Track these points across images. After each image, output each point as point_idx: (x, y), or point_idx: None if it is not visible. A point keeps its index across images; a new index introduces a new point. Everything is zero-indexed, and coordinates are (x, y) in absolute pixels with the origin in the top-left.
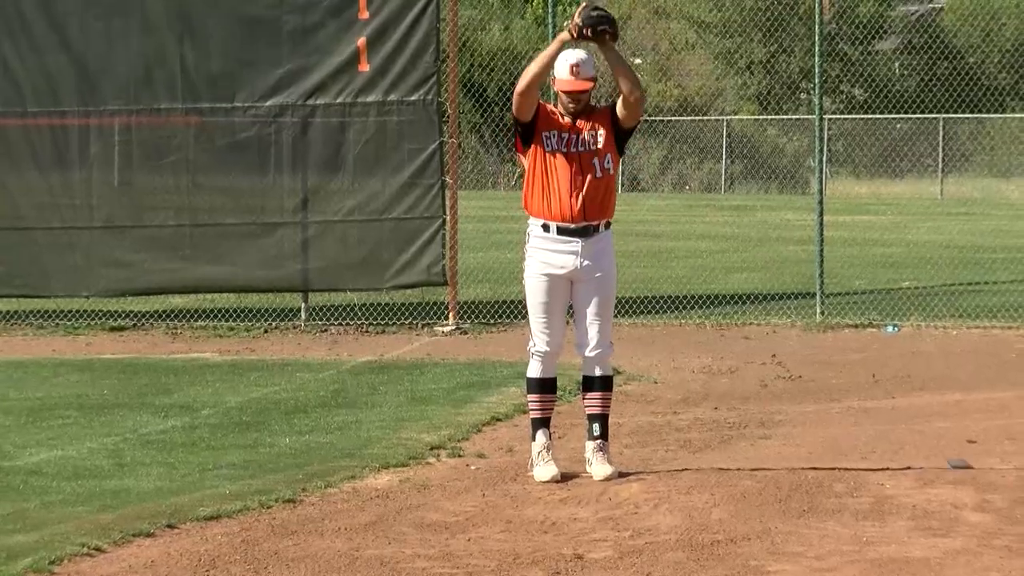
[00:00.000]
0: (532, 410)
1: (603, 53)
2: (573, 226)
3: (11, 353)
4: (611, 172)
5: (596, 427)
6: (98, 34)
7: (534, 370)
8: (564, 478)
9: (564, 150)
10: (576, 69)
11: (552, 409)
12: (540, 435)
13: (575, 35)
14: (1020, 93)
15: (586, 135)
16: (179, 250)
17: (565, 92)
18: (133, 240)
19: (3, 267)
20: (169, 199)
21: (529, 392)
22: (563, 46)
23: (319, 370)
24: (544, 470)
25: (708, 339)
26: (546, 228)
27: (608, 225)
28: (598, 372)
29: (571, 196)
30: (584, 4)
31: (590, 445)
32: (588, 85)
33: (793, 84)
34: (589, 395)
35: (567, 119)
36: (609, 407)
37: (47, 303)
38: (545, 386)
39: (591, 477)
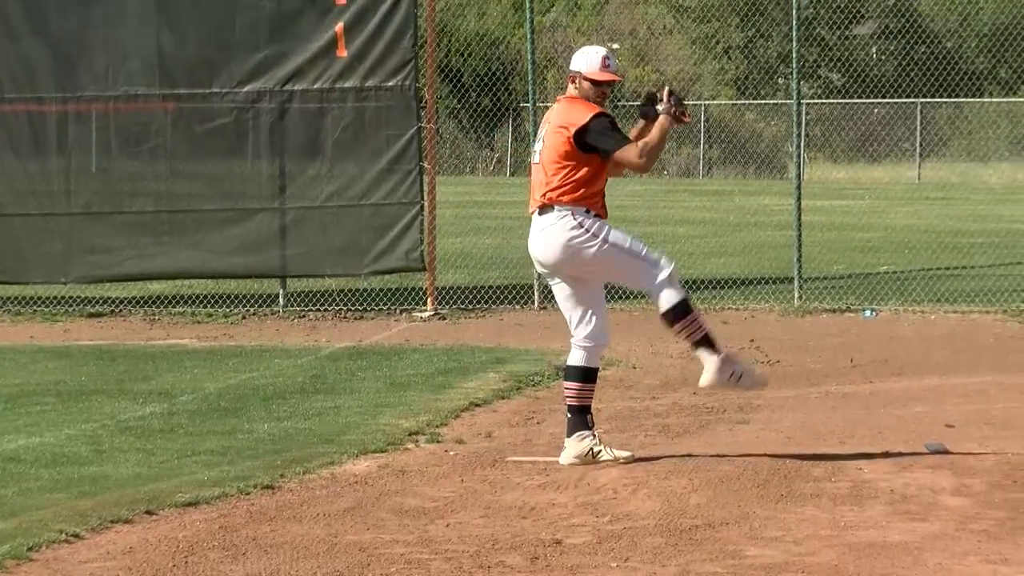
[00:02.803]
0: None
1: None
2: None
3: None
4: None
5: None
6: (75, 20)
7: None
8: (545, 465)
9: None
10: (607, 61)
11: None
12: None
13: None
14: (998, 77)
15: None
16: (157, 236)
17: (598, 82)
18: (111, 226)
19: None
20: (147, 185)
21: (586, 381)
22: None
23: (297, 356)
24: (619, 451)
25: None
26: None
27: None
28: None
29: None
30: (668, 90)
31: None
32: (618, 79)
33: (771, 69)
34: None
35: None
36: None
37: (25, 289)
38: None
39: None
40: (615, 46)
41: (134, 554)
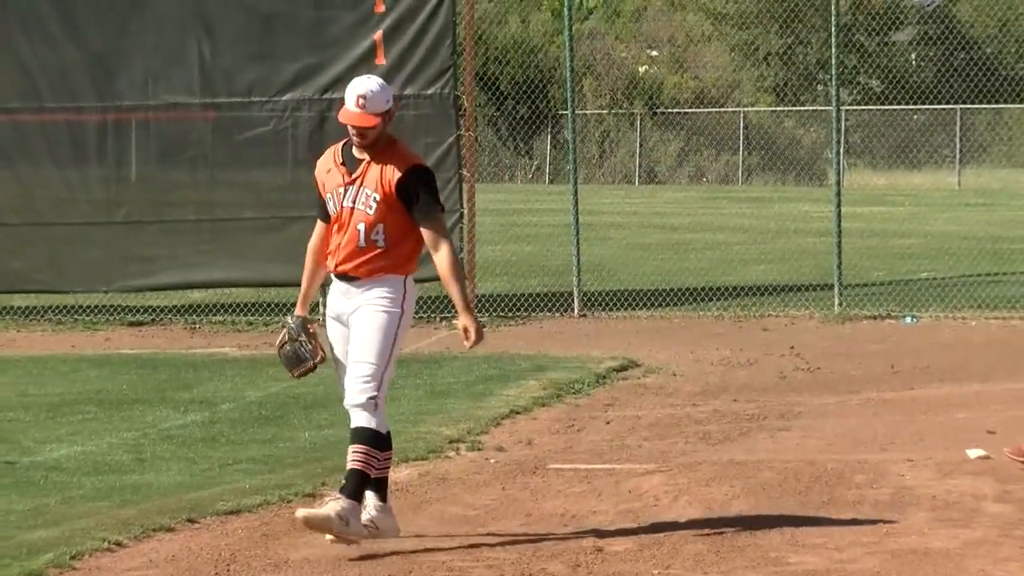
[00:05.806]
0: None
1: None
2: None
3: (30, 349)
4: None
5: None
6: (114, 29)
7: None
8: (585, 472)
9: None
10: (362, 101)
11: None
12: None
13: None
14: None
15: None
16: (197, 245)
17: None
18: (151, 235)
19: (22, 263)
20: (187, 194)
21: (386, 448)
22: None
23: None
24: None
25: (726, 331)
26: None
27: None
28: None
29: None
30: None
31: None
32: (373, 121)
33: (810, 75)
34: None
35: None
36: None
37: (66, 299)
38: None
39: (609, 470)
40: (653, 53)
41: (177, 562)
